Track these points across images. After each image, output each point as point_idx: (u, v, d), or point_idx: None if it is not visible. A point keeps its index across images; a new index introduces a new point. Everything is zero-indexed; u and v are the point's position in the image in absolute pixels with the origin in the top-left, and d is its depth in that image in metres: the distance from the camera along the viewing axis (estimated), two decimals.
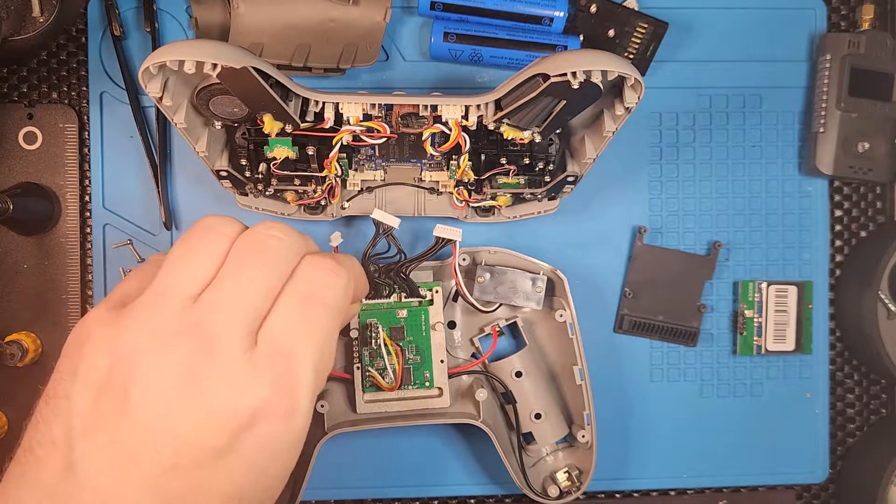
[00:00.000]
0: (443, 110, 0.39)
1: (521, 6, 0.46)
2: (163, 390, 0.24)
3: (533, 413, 0.46)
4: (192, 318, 0.25)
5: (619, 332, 0.50)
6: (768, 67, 0.50)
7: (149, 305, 0.26)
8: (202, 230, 0.28)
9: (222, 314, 0.26)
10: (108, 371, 0.25)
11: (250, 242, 0.28)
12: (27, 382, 0.48)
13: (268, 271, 0.27)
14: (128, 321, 0.26)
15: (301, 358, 0.26)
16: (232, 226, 0.28)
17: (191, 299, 0.26)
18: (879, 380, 0.52)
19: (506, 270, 0.46)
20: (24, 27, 0.44)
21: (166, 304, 0.26)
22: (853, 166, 0.49)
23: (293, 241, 0.28)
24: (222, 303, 0.26)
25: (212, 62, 0.34)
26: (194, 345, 0.25)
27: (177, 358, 0.25)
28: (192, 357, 0.25)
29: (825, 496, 0.52)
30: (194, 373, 0.25)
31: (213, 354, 0.25)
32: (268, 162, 0.41)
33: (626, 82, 0.36)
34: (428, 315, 0.45)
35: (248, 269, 0.27)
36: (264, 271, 0.27)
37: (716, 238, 0.50)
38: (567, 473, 0.47)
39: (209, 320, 0.25)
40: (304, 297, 0.27)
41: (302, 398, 0.26)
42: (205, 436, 0.25)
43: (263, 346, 0.26)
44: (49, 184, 0.48)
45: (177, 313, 0.26)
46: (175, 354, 0.25)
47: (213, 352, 0.25)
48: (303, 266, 0.28)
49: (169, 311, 0.26)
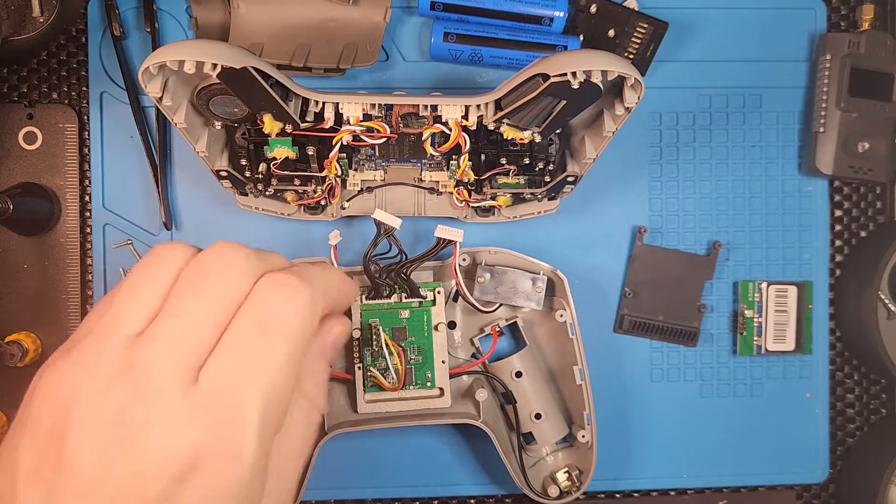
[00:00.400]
0: (443, 110, 0.39)
1: (521, 6, 0.46)
2: (97, 436, 0.23)
3: (533, 413, 0.46)
4: (130, 357, 0.23)
5: (619, 332, 0.50)
6: (768, 67, 0.50)
7: (91, 345, 0.24)
8: (149, 261, 0.26)
9: (160, 351, 0.23)
10: (49, 418, 0.23)
11: (194, 270, 0.25)
12: (27, 382, 0.47)
13: (213, 300, 0.24)
14: (69, 363, 0.24)
15: (245, 394, 0.23)
16: (180, 253, 0.26)
17: (132, 337, 0.24)
18: (879, 380, 0.52)
19: (506, 270, 0.46)
20: (24, 27, 0.44)
21: (108, 343, 0.24)
22: (853, 166, 0.49)
23: (244, 261, 0.25)
24: (160, 339, 0.24)
25: (212, 62, 0.34)
26: (130, 385, 0.23)
27: (112, 400, 0.23)
28: (127, 399, 0.23)
29: (825, 496, 0.52)
30: (129, 416, 0.23)
31: (149, 395, 0.23)
32: (268, 162, 0.41)
33: (626, 82, 0.36)
34: (430, 315, 0.45)
35: (191, 299, 0.24)
36: (209, 301, 0.24)
37: (716, 238, 0.50)
38: (567, 473, 0.47)
39: (146, 358, 0.23)
40: (253, 323, 0.24)
41: (247, 440, 0.23)
42: (141, 484, 0.22)
43: (204, 383, 0.23)
44: (49, 184, 0.48)
45: (116, 352, 0.24)
46: (110, 396, 0.23)
47: (149, 392, 0.23)
48: (256, 287, 0.25)
49: (109, 350, 0.24)
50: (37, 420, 0.24)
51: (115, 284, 0.30)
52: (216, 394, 0.23)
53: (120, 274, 0.48)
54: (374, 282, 0.44)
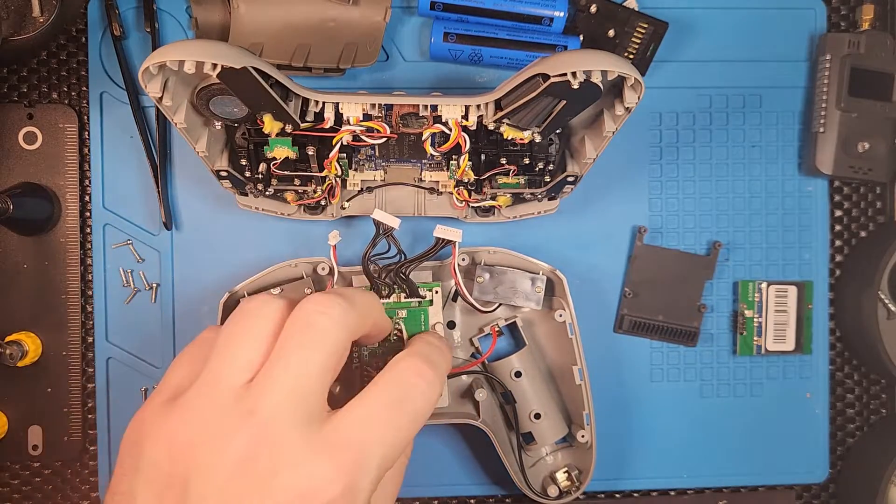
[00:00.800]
0: (443, 110, 0.39)
1: (521, 6, 0.46)
2: (222, 481, 0.24)
3: (532, 413, 0.46)
4: (247, 405, 0.25)
5: (619, 332, 0.50)
6: (768, 67, 0.50)
7: (201, 396, 0.26)
8: (245, 315, 0.28)
9: (277, 399, 0.25)
10: (167, 465, 0.25)
11: (298, 322, 0.27)
12: (27, 382, 0.48)
13: (321, 350, 0.26)
14: (182, 413, 0.25)
15: (371, 442, 0.26)
16: (275, 306, 0.28)
17: (243, 387, 0.25)
18: (879, 380, 0.52)
19: (505, 270, 0.46)
20: (24, 27, 0.44)
21: (218, 393, 0.25)
22: (853, 166, 0.49)
23: (342, 315, 0.27)
24: (277, 387, 0.25)
25: (212, 62, 0.34)
26: (252, 432, 0.24)
27: (235, 447, 0.24)
28: (250, 445, 0.24)
29: (825, 496, 0.52)
30: (253, 461, 0.24)
31: (272, 441, 0.24)
32: (268, 162, 0.41)
33: (626, 82, 0.36)
34: (427, 315, 0.45)
35: (298, 349, 0.26)
36: (316, 351, 0.26)
37: (716, 238, 0.50)
38: (567, 473, 0.47)
39: (264, 406, 0.25)
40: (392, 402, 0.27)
41: (365, 485, 0.25)
42: None
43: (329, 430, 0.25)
44: (49, 184, 0.48)
45: (230, 402, 0.25)
46: (233, 443, 0.24)
47: (272, 439, 0.24)
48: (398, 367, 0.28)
49: (222, 400, 0.25)
50: (154, 465, 0.25)
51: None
52: (343, 441, 0.25)
53: (120, 274, 0.48)
54: (372, 282, 0.44)
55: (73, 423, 0.48)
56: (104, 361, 0.48)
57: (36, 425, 0.48)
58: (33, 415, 0.48)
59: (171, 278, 0.48)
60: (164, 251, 0.48)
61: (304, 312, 0.27)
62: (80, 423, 0.48)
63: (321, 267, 0.46)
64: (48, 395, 0.48)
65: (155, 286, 0.48)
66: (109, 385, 0.48)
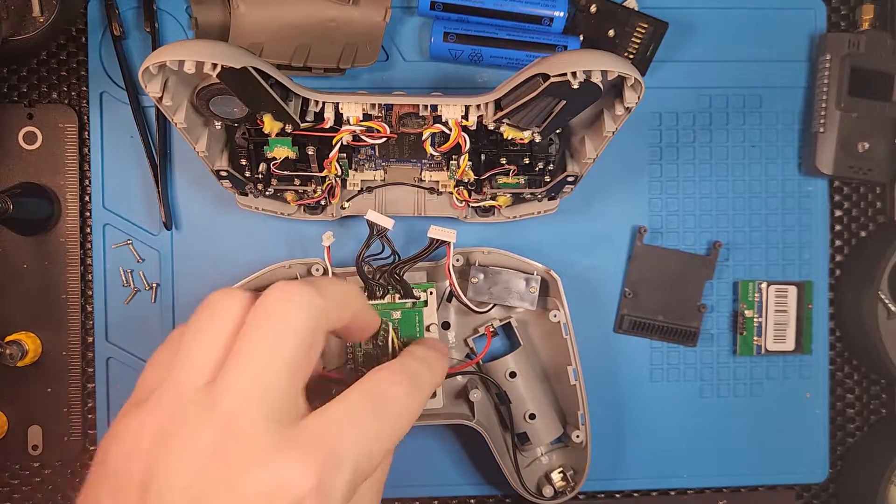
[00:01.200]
0: (443, 110, 0.39)
1: (521, 6, 0.46)
2: (186, 481, 0.23)
3: (527, 413, 0.46)
4: (210, 401, 0.24)
5: (619, 332, 0.50)
6: (768, 67, 0.50)
7: (164, 396, 0.25)
8: (206, 309, 0.27)
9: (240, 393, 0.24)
10: (130, 466, 0.24)
11: (259, 312, 0.26)
12: (27, 382, 0.48)
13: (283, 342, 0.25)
14: (145, 415, 0.25)
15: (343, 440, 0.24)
16: (237, 298, 0.26)
17: (207, 385, 0.25)
18: (879, 380, 0.52)
19: (500, 271, 0.46)
20: (24, 27, 0.44)
21: (182, 392, 0.25)
22: (853, 166, 0.49)
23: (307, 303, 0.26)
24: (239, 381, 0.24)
25: (212, 62, 0.34)
26: (216, 427, 0.23)
27: (200, 443, 0.23)
28: (216, 440, 0.23)
29: (825, 496, 0.52)
30: (219, 457, 0.23)
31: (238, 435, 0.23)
32: (268, 162, 0.41)
33: (626, 82, 0.36)
34: (422, 316, 0.45)
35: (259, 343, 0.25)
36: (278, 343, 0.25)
37: (716, 238, 0.50)
38: (562, 473, 0.47)
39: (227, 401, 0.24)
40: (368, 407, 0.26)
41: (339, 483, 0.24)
42: None
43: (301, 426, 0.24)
44: (49, 184, 0.48)
45: (195, 398, 0.24)
46: (198, 439, 0.23)
47: (237, 433, 0.23)
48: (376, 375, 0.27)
49: (185, 399, 0.24)
50: (116, 470, 0.24)
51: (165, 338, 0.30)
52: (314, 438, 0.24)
53: (120, 274, 0.48)
54: (366, 283, 0.44)
55: (73, 423, 0.48)
56: (104, 361, 0.48)
57: (36, 425, 0.48)
58: (33, 415, 0.48)
59: (170, 278, 0.48)
60: (163, 251, 0.48)
61: (266, 301, 0.26)
62: (80, 423, 0.48)
63: (315, 268, 0.46)
64: (48, 395, 0.48)
65: (155, 286, 0.48)
66: (109, 385, 0.48)
